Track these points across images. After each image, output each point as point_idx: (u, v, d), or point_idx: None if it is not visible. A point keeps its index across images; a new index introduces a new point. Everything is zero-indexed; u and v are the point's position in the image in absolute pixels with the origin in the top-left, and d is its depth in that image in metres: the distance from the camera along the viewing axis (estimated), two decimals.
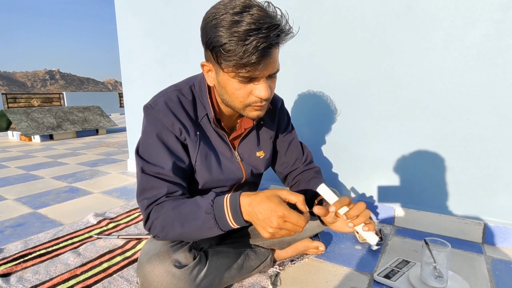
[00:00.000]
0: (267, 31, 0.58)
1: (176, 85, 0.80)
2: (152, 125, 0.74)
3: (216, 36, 0.60)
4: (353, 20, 1.28)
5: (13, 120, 4.13)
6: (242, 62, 0.59)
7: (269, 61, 0.62)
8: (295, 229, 0.60)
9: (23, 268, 0.99)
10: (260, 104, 0.69)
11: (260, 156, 0.89)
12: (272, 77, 0.68)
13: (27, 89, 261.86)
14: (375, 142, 1.32)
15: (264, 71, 0.63)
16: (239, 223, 0.64)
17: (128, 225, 1.33)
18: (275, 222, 0.59)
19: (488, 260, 1.03)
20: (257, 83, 0.66)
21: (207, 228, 0.65)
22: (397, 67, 1.22)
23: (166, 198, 0.71)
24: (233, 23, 0.58)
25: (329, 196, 0.67)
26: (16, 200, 1.71)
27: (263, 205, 0.60)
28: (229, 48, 0.59)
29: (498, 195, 1.12)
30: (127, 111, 2.28)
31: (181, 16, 1.81)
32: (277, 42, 0.61)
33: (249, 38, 0.57)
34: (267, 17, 0.59)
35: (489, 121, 1.09)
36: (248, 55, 0.58)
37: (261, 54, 0.59)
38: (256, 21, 0.57)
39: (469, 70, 1.10)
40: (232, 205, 0.64)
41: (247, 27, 0.57)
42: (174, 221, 0.68)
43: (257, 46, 0.57)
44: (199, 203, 0.67)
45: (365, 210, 0.66)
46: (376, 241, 0.65)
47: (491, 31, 1.04)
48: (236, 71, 0.62)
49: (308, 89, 1.44)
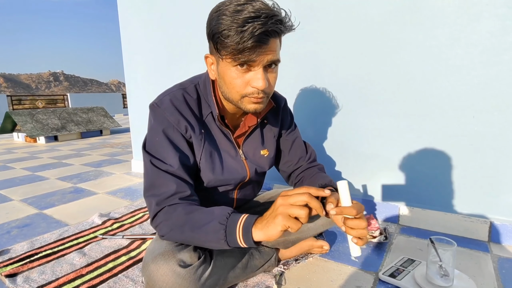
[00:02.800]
0: (266, 19, 0.60)
1: (181, 84, 0.81)
2: (158, 123, 0.75)
3: (217, 23, 0.62)
4: (356, 18, 1.27)
5: (18, 121, 4.17)
6: (239, 48, 0.61)
7: (265, 49, 0.63)
8: (299, 199, 0.58)
9: (29, 268, 1.00)
10: (257, 96, 0.68)
11: (264, 154, 0.89)
12: (270, 69, 0.68)
13: (31, 91, 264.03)
14: (379, 140, 1.31)
15: (260, 57, 0.63)
16: (247, 242, 0.63)
17: (132, 225, 1.34)
18: (278, 204, 0.60)
19: (494, 259, 1.03)
20: (254, 72, 0.66)
21: (215, 238, 0.65)
22: (401, 64, 1.21)
23: (178, 199, 0.71)
24: (234, 12, 0.60)
25: (345, 195, 0.63)
26: (22, 201, 1.72)
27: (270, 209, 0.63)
28: (227, 34, 0.60)
29: (504, 193, 1.11)
30: (131, 111, 2.28)
31: (184, 17, 1.81)
32: (274, 30, 0.62)
33: (247, 25, 0.59)
34: (268, 9, 0.61)
35: (495, 118, 1.08)
36: (245, 40, 0.60)
37: (257, 39, 0.60)
38: (257, 10, 0.60)
39: (474, 67, 1.09)
40: (245, 223, 0.63)
41: (246, 15, 0.59)
42: (185, 225, 0.68)
43: (253, 32, 0.59)
44: (214, 212, 0.68)
45: (364, 229, 0.61)
46: (357, 255, 0.63)
47: (496, 27, 1.03)
48: (233, 57, 0.63)
49: (311, 87, 1.43)
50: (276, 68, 0.69)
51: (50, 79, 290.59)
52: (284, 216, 0.58)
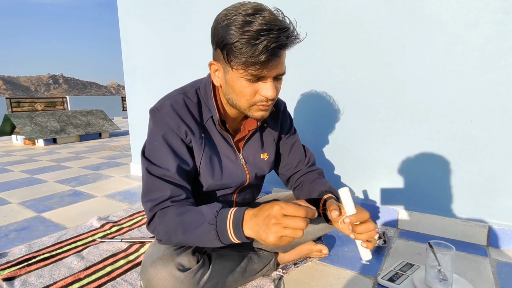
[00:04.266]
0: (278, 33, 0.60)
1: (182, 88, 0.81)
2: (158, 127, 0.75)
3: (228, 34, 0.62)
4: (355, 23, 1.28)
5: (17, 124, 4.16)
6: (252, 60, 0.61)
7: (277, 62, 0.64)
8: (297, 224, 0.56)
9: (27, 272, 1.00)
10: (266, 103, 0.70)
11: (264, 158, 0.90)
12: (278, 79, 0.70)
13: (31, 94, 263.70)
14: (378, 144, 1.32)
15: (272, 70, 0.65)
16: (239, 238, 0.63)
17: (131, 228, 1.34)
18: (274, 217, 0.57)
19: (493, 263, 1.03)
20: (264, 83, 0.67)
21: (208, 239, 0.65)
22: (399, 69, 1.22)
23: (170, 202, 0.71)
24: (245, 23, 0.60)
25: (348, 202, 0.64)
26: (20, 204, 1.72)
27: (263, 209, 0.60)
28: (240, 46, 0.61)
29: (502, 197, 1.11)
30: (130, 114, 2.29)
31: (184, 20, 1.82)
32: (286, 43, 0.63)
33: (260, 38, 0.59)
34: (278, 20, 0.62)
35: (493, 123, 1.09)
36: (258, 53, 0.60)
37: (271, 53, 0.61)
38: (268, 22, 0.60)
39: (472, 72, 1.09)
40: (235, 219, 0.63)
41: (258, 27, 0.59)
42: (177, 228, 0.68)
43: (268, 45, 0.59)
44: (203, 212, 0.67)
45: (372, 231, 0.65)
46: (368, 258, 0.65)
47: (493, 33, 1.04)
48: (246, 68, 0.64)
49: (311, 91, 1.44)
50: (282, 77, 0.71)
51: (49, 82, 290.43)
52: (277, 237, 0.57)
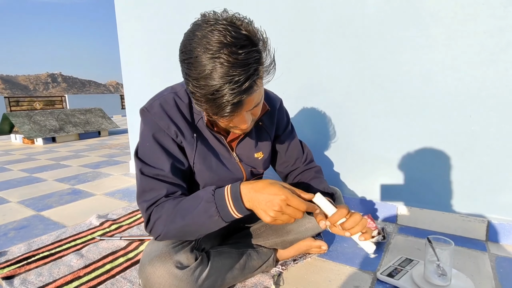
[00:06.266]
0: (238, 85, 0.53)
1: (173, 87, 0.81)
2: (148, 128, 0.75)
3: (187, 78, 0.57)
4: (353, 17, 1.27)
5: (16, 123, 4.15)
6: (216, 114, 0.58)
7: (245, 106, 0.58)
8: (296, 214, 0.62)
9: (26, 270, 1.00)
10: (243, 129, 0.69)
11: (258, 157, 0.89)
12: (256, 107, 0.64)
13: (29, 92, 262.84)
14: (377, 140, 1.31)
15: (243, 110, 0.59)
16: (240, 210, 0.65)
17: (130, 226, 1.34)
18: (278, 205, 0.61)
19: (492, 258, 1.03)
20: (237, 116, 0.62)
21: (209, 218, 0.66)
22: (398, 64, 1.21)
23: (166, 198, 0.71)
24: (200, 74, 0.53)
25: (325, 206, 0.66)
26: (19, 202, 1.72)
27: (266, 190, 0.63)
28: (201, 99, 0.56)
29: (501, 192, 1.11)
30: (129, 112, 2.28)
31: (181, 17, 1.81)
32: (251, 88, 0.55)
33: (219, 93, 0.53)
34: (238, 65, 0.53)
35: (492, 118, 1.08)
36: (221, 109, 0.56)
37: (235, 106, 0.56)
38: (226, 73, 0.52)
39: (471, 67, 1.09)
40: (233, 193, 0.65)
41: (216, 82, 0.52)
42: (176, 215, 0.68)
43: (229, 100, 0.54)
44: (200, 195, 0.69)
45: (361, 220, 0.65)
46: (373, 250, 0.65)
47: (492, 27, 1.04)
48: (213, 115, 0.60)
49: (309, 87, 1.43)
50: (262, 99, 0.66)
51: (48, 81, 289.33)
52: (273, 220, 0.62)
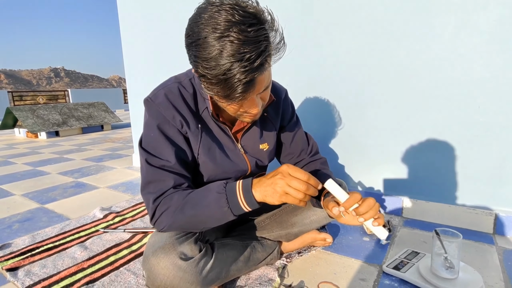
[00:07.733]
0: (250, 63, 0.52)
1: (177, 77, 0.79)
2: (153, 118, 0.73)
3: (196, 61, 0.56)
4: (359, 8, 1.24)
5: (20, 117, 4.16)
6: (228, 97, 0.57)
7: (257, 87, 0.58)
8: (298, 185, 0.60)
9: (30, 262, 1.00)
10: (253, 114, 0.68)
11: (263, 148, 0.87)
12: (265, 91, 0.65)
13: (32, 87, 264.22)
14: (383, 132, 1.29)
15: (253, 92, 0.59)
16: (249, 202, 0.64)
17: (134, 219, 1.33)
18: (280, 171, 0.62)
19: (499, 251, 1.01)
20: (248, 101, 0.62)
21: (218, 208, 0.65)
22: (405, 55, 1.19)
23: (174, 190, 0.70)
24: (209, 55, 0.53)
25: (338, 192, 0.65)
26: (23, 195, 1.72)
27: (271, 173, 0.65)
28: (212, 81, 0.55)
29: (509, 185, 1.09)
30: (131, 106, 2.27)
31: (184, 11, 1.78)
32: (262, 65, 0.55)
33: (230, 73, 0.52)
34: (249, 42, 0.52)
35: (501, 108, 1.06)
36: (233, 90, 0.55)
37: (246, 86, 0.55)
38: (236, 51, 0.51)
39: (481, 57, 1.06)
40: (244, 185, 0.65)
41: (226, 61, 0.51)
42: (185, 205, 0.67)
43: (240, 79, 0.53)
44: (210, 187, 0.69)
45: (374, 205, 0.64)
46: (385, 236, 0.64)
47: (503, 15, 1.01)
48: (223, 100, 0.59)
49: (315, 79, 1.41)
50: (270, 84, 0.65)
51: (51, 75, 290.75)
52: (283, 191, 0.61)
